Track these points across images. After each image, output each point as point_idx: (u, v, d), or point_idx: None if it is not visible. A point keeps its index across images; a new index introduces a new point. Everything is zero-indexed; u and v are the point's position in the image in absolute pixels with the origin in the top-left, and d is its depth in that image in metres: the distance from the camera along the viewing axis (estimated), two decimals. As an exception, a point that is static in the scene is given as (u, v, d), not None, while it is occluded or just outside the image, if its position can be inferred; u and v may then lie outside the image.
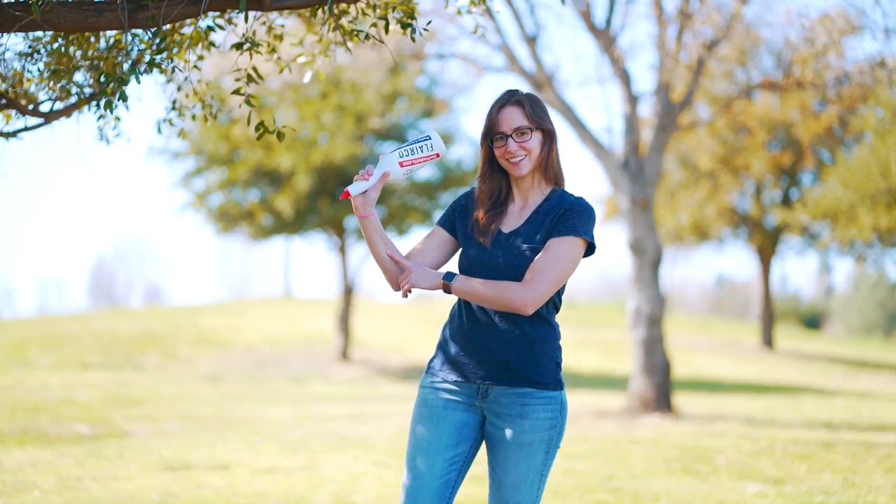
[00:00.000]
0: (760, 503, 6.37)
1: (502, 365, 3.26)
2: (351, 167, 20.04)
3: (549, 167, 3.34)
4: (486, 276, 3.27)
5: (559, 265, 3.22)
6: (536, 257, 3.24)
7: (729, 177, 25.14)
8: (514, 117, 3.29)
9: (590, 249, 3.31)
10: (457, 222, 3.41)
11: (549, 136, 3.33)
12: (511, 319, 3.26)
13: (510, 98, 3.32)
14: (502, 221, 3.34)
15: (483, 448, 3.42)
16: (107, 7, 3.60)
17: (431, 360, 3.41)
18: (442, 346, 3.39)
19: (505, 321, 3.26)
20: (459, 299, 3.35)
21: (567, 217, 3.26)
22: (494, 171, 3.38)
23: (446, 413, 3.30)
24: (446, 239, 3.42)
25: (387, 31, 3.88)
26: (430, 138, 3.35)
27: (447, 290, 3.24)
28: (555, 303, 3.33)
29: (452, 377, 3.32)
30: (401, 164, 3.32)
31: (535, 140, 3.30)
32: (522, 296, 3.18)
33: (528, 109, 3.30)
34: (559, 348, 3.34)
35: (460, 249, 3.39)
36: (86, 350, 20.25)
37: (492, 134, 3.32)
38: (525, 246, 3.26)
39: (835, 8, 11.36)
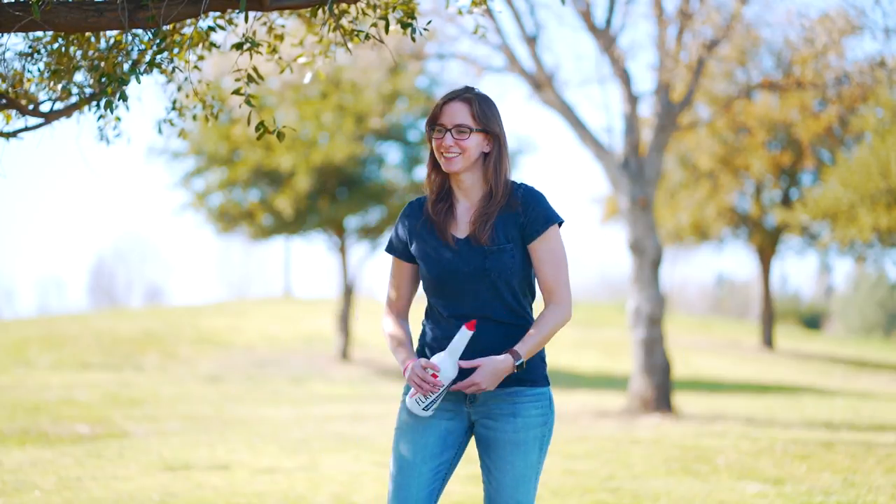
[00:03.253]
0: (760, 503, 6.37)
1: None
2: (351, 167, 20.05)
3: (489, 171, 3.27)
4: (457, 285, 3.24)
5: (562, 262, 3.26)
6: (543, 270, 3.24)
7: (729, 177, 25.13)
8: (458, 113, 3.24)
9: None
10: (411, 242, 3.33)
11: (495, 141, 3.27)
12: (496, 321, 3.25)
13: (461, 93, 3.27)
14: (454, 224, 3.29)
15: (473, 451, 3.40)
16: (107, 7, 3.60)
17: None
18: (423, 355, 3.34)
19: (490, 324, 3.24)
20: (434, 308, 3.31)
21: (532, 211, 3.24)
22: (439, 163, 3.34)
23: (431, 422, 3.28)
24: (409, 270, 3.37)
25: (387, 31, 3.88)
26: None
27: (519, 368, 3.21)
28: (532, 296, 3.34)
29: None
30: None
31: (473, 140, 3.24)
32: (565, 314, 3.25)
33: (476, 109, 3.24)
34: None
35: (420, 265, 3.31)
36: (86, 350, 20.25)
37: (433, 123, 3.26)
38: (493, 247, 3.22)
39: (835, 8, 11.36)
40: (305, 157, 19.38)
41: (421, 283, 3.36)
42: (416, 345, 3.39)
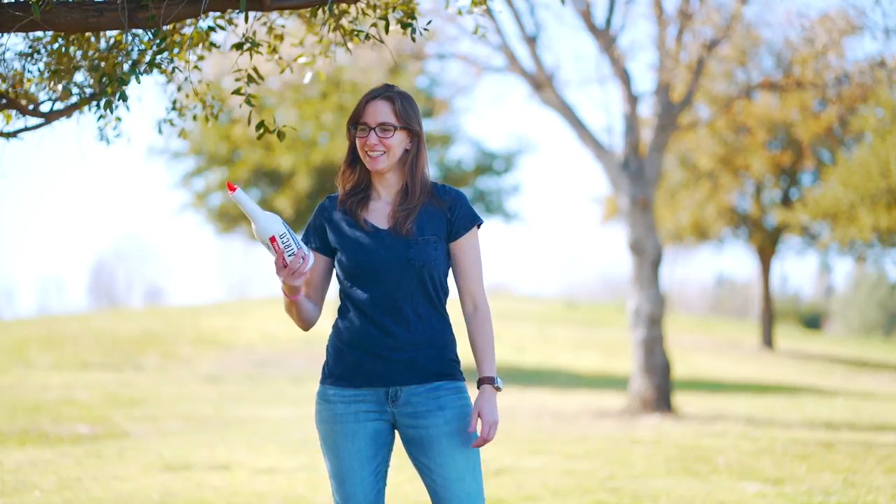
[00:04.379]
0: (760, 503, 6.37)
1: (409, 364, 3.25)
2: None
3: (408, 168, 3.31)
4: (379, 274, 3.25)
5: (481, 262, 3.35)
6: (467, 268, 3.31)
7: (729, 177, 25.14)
8: (381, 111, 3.27)
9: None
10: (329, 233, 3.34)
11: (415, 138, 3.32)
12: (412, 319, 3.26)
13: (383, 92, 3.31)
14: (368, 214, 3.32)
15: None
16: (107, 7, 3.60)
17: (328, 369, 3.36)
18: (339, 354, 3.34)
19: (405, 322, 3.26)
20: (350, 303, 3.32)
21: (460, 210, 3.31)
22: (358, 159, 3.36)
23: (358, 426, 3.27)
24: (322, 263, 3.36)
25: (387, 31, 3.88)
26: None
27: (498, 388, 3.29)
28: (446, 292, 3.36)
29: (357, 385, 3.29)
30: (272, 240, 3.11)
31: (397, 139, 3.28)
32: (490, 317, 3.33)
33: (399, 107, 3.28)
34: (454, 341, 3.34)
35: (339, 254, 3.32)
36: (86, 350, 20.25)
37: (356, 122, 3.30)
38: (418, 238, 3.26)
39: (835, 8, 11.38)
40: (305, 157, 19.39)
41: (340, 275, 3.34)
42: (331, 343, 3.40)
